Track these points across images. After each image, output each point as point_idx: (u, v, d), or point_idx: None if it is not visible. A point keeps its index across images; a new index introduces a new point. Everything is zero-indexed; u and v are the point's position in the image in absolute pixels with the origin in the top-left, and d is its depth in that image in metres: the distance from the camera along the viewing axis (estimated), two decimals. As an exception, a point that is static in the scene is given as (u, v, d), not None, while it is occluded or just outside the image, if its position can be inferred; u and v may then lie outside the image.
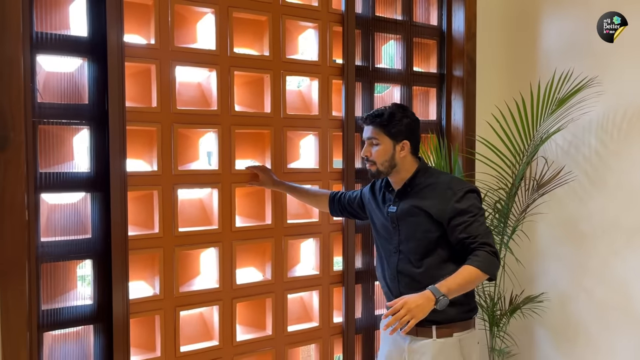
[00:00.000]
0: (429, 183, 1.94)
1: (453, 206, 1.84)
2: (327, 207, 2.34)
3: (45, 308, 1.96)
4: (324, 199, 2.35)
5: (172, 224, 2.20)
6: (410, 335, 1.93)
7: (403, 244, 1.94)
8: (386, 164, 1.94)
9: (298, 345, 2.56)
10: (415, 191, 1.94)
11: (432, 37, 2.92)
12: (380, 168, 1.95)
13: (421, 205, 1.90)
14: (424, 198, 1.91)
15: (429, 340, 1.90)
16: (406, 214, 1.93)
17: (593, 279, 2.58)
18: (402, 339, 1.97)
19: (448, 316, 1.88)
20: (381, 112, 1.94)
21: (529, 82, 2.61)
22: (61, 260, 2.00)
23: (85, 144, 2.05)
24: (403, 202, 1.96)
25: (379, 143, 1.93)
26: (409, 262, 1.93)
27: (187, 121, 2.24)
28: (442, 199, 1.87)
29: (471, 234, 1.81)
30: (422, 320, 1.84)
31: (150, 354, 2.20)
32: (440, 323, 1.89)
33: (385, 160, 1.93)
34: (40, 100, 1.93)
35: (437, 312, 1.80)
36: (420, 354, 1.92)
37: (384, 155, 1.93)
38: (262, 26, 2.43)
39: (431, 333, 1.90)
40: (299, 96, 2.64)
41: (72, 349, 2.07)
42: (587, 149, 2.59)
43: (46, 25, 1.95)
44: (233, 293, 2.35)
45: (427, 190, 1.92)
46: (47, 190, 1.96)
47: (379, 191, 2.10)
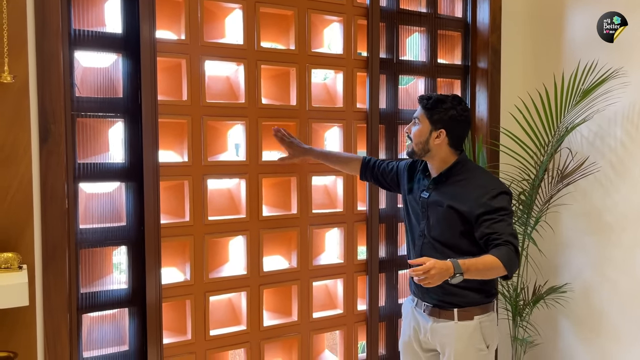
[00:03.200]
0: (464, 177, 1.97)
1: (484, 203, 1.87)
2: (359, 170, 2.35)
3: (84, 291, 2.07)
4: (355, 163, 2.36)
5: (202, 212, 2.29)
6: (432, 316, 1.99)
7: (429, 230, 1.99)
8: (420, 146, 1.99)
9: (323, 332, 2.64)
10: (449, 183, 1.98)
11: (457, 29, 2.94)
12: (414, 148, 2.01)
13: (452, 201, 1.92)
14: (457, 193, 1.94)
15: (451, 322, 1.95)
16: (436, 204, 1.96)
17: (617, 269, 2.58)
18: (424, 319, 2.02)
19: (469, 300, 1.93)
20: (432, 96, 1.99)
21: (553, 74, 2.61)
22: (98, 246, 2.11)
23: (119, 135, 2.15)
24: (436, 191, 1.99)
25: (419, 123, 2.00)
26: (432, 248, 1.98)
27: (216, 114, 2.31)
28: (474, 195, 1.90)
29: (497, 230, 1.82)
30: (444, 303, 1.90)
31: (182, 337, 2.30)
32: (462, 306, 1.94)
33: (420, 142, 1.98)
34: (78, 95, 2.03)
35: (459, 296, 1.85)
36: (442, 335, 1.97)
37: (419, 136, 1.99)
38: (288, 21, 2.49)
39: (453, 315, 1.95)
40: (324, 89, 2.69)
41: (109, 331, 2.18)
42: (612, 140, 2.59)
43: (83, 22, 2.04)
44: (260, 280, 2.43)
45: (461, 185, 1.95)
46: (85, 180, 2.06)
47: (416, 174, 2.13)
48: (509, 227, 1.85)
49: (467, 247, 1.92)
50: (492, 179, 2.00)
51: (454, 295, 1.82)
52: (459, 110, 1.96)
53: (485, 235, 1.84)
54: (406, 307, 2.17)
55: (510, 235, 1.82)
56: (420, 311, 2.05)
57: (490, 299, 2.00)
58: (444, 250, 1.94)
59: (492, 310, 2.02)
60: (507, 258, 1.77)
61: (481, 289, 1.96)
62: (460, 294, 1.89)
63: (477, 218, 1.87)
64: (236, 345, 2.40)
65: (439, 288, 1.91)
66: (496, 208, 1.86)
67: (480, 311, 1.96)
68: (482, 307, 1.97)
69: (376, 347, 2.71)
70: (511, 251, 1.79)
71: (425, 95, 2.01)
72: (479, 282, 1.93)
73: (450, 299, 1.85)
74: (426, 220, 2.00)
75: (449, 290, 1.92)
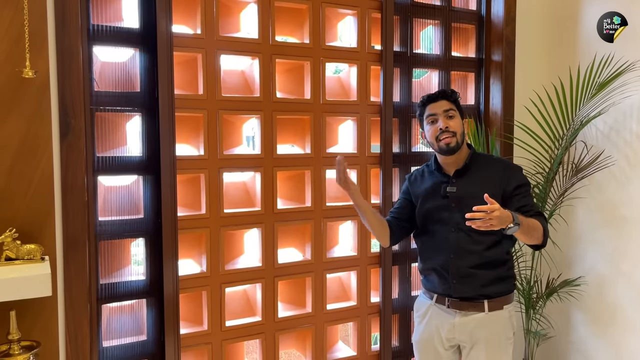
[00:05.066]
0: (485, 161, 2.03)
1: (513, 177, 1.96)
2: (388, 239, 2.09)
3: (103, 282, 2.11)
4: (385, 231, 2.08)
5: (218, 205, 2.32)
6: (460, 310, 1.97)
7: (461, 222, 1.91)
8: (462, 137, 1.99)
9: (336, 323, 2.66)
10: (473, 169, 2.00)
11: (471, 22, 2.93)
12: (459, 139, 1.96)
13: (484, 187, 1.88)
14: (483, 178, 1.98)
15: (481, 314, 1.95)
16: (467, 195, 1.94)
17: (632, 263, 2.57)
18: (449, 314, 1.99)
19: (499, 290, 1.96)
20: (452, 90, 2.05)
21: (569, 67, 2.60)
22: (117, 238, 2.15)
23: (137, 129, 2.18)
24: (463, 181, 1.99)
25: (455, 115, 1.98)
26: (470, 238, 1.94)
27: (232, 108, 2.34)
28: (500, 174, 1.97)
29: (528, 203, 1.93)
30: (475, 295, 1.93)
31: (198, 327, 2.34)
32: (492, 297, 1.95)
33: (462, 132, 1.98)
34: (96, 89, 2.07)
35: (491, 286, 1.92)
36: (471, 328, 1.96)
37: (460, 127, 1.98)
38: (302, 14, 2.50)
39: (483, 307, 1.94)
40: (338, 82, 2.70)
41: (127, 320, 2.22)
42: (627, 133, 2.57)
43: (101, 18, 2.08)
44: (275, 272, 2.46)
45: (484, 168, 2.00)
46: (104, 173, 2.10)
47: (421, 177, 2.11)
48: (533, 200, 2.01)
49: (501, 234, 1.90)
50: (499, 159, 2.09)
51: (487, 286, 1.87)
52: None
53: (517, 208, 1.89)
54: (422, 306, 2.11)
55: (538, 209, 1.96)
56: (444, 307, 2.01)
57: (514, 288, 2.03)
58: (481, 239, 1.93)
59: (516, 299, 2.06)
60: (545, 228, 1.89)
61: (509, 276, 2.00)
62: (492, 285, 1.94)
63: (510, 192, 1.94)
64: (251, 336, 2.44)
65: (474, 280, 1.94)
66: (523, 183, 1.97)
67: (507, 301, 1.99)
68: (508, 297, 1.99)
69: (389, 339, 2.73)
70: (545, 223, 1.91)
71: (445, 90, 2.04)
72: (507, 268, 1.99)
73: (483, 290, 1.87)
74: (459, 212, 1.93)
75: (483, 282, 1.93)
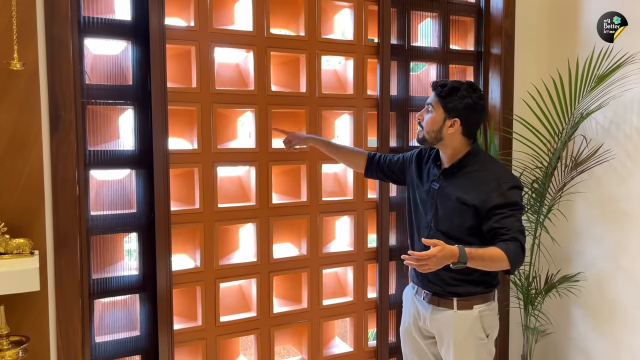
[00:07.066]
0: (476, 169, 1.92)
1: (496, 197, 1.82)
2: (363, 165, 2.24)
3: (96, 277, 2.09)
4: (360, 157, 2.26)
5: (212, 200, 2.30)
6: (432, 304, 1.97)
7: (437, 222, 1.95)
8: (432, 134, 1.92)
9: (333, 319, 2.64)
10: (461, 174, 1.92)
11: (470, 15, 2.89)
12: (426, 136, 1.94)
13: (464, 194, 1.87)
14: (468, 186, 1.89)
15: (450, 311, 1.93)
16: (447, 197, 1.92)
17: (632, 258, 2.54)
18: (424, 307, 2.01)
19: (469, 290, 1.92)
20: (446, 83, 1.92)
21: (568, 60, 2.56)
22: (109, 232, 2.13)
23: (129, 123, 2.16)
24: (447, 182, 1.94)
25: (432, 111, 1.93)
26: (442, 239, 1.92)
27: (226, 101, 2.31)
28: (486, 189, 1.85)
29: (505, 226, 1.79)
30: (444, 292, 1.88)
31: (192, 322, 2.32)
32: (462, 295, 1.92)
33: (432, 130, 1.92)
34: (88, 82, 2.04)
35: (459, 286, 1.83)
36: (441, 324, 1.96)
37: (432, 124, 1.92)
38: (297, 6, 2.47)
39: (452, 304, 1.93)
40: (334, 75, 2.67)
41: (120, 316, 2.20)
42: (627, 126, 2.54)
43: (92, 9, 2.05)
44: (270, 267, 2.44)
45: (473, 176, 1.90)
46: (96, 167, 2.08)
47: (425, 162, 2.08)
48: (518, 222, 1.82)
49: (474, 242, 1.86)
50: (504, 172, 1.95)
51: (454, 285, 1.80)
52: (475, 98, 1.89)
53: (494, 229, 1.80)
54: (407, 295, 2.15)
55: (518, 231, 1.78)
56: (420, 299, 2.03)
57: (491, 289, 1.97)
58: (449, 243, 1.91)
59: (493, 300, 1.98)
60: (513, 254, 1.74)
61: (481, 281, 1.93)
62: (460, 285, 1.87)
63: (488, 212, 1.82)
64: (246, 332, 2.42)
65: (439, 279, 1.92)
66: (507, 203, 1.81)
67: (480, 300, 1.93)
68: (482, 297, 1.94)
69: (386, 334, 2.71)
70: (518, 247, 1.75)
71: (440, 82, 1.94)
72: (479, 274, 1.90)
73: (450, 288, 1.82)
74: (434, 211, 1.95)
75: (448, 282, 1.91)
